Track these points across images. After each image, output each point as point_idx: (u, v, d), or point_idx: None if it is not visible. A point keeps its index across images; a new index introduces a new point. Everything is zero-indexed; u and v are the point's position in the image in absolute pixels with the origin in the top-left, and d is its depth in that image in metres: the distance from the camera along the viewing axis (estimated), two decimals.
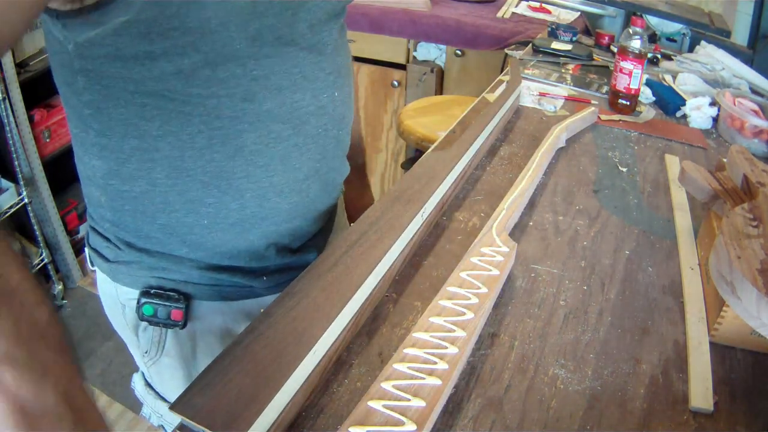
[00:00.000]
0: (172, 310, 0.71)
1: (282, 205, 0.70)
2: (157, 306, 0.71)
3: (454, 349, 0.65)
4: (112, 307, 0.79)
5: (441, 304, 0.72)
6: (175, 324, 0.72)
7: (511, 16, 2.41)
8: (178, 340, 0.75)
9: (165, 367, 0.79)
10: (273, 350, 0.60)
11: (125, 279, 0.75)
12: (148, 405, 0.87)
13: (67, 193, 2.37)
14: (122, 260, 0.73)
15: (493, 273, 0.77)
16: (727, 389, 0.70)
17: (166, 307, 0.70)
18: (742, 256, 0.66)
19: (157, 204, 0.67)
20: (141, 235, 0.70)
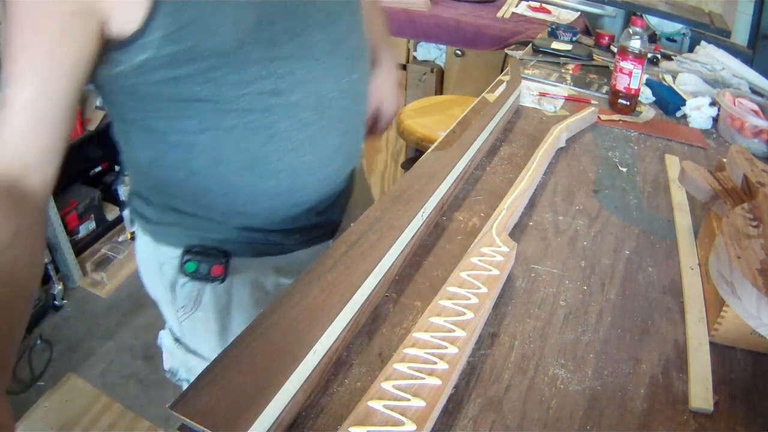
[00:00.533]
0: (213, 266, 0.77)
1: (312, 179, 0.77)
2: (199, 262, 0.77)
3: (453, 349, 0.65)
4: (149, 266, 0.84)
5: (441, 304, 0.72)
6: (215, 279, 0.78)
7: (511, 16, 2.41)
8: (215, 294, 0.80)
9: (199, 321, 0.83)
10: (273, 350, 0.60)
11: (167, 239, 0.80)
12: (177, 359, 0.91)
13: (67, 193, 2.38)
14: (165, 222, 0.78)
15: (493, 273, 0.77)
16: (727, 389, 0.70)
17: (208, 263, 0.76)
18: (742, 256, 0.66)
19: (197, 189, 0.73)
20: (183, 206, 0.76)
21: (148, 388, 1.91)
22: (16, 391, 1.87)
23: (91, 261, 2.32)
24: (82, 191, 2.43)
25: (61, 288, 2.20)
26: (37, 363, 1.96)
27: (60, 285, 2.20)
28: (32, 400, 1.80)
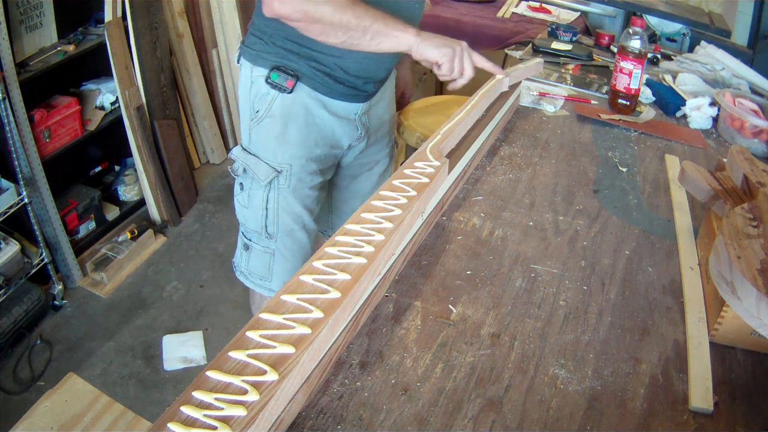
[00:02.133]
0: (288, 80, 1.13)
1: (367, 67, 1.17)
2: (280, 74, 1.13)
3: (380, 236, 0.72)
4: (245, 85, 1.20)
5: (373, 204, 0.78)
6: (285, 90, 1.14)
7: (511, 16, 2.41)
8: (282, 103, 1.16)
9: (264, 127, 1.18)
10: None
11: (262, 62, 1.15)
12: (239, 161, 1.23)
13: (67, 193, 2.37)
14: (265, 51, 1.15)
15: (423, 180, 0.85)
16: (727, 389, 0.70)
17: (285, 76, 1.13)
18: (742, 256, 0.66)
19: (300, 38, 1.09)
20: (283, 43, 1.13)
21: (148, 388, 1.90)
22: (16, 391, 1.87)
23: (91, 261, 2.31)
24: (82, 191, 2.43)
25: (61, 288, 2.20)
26: (37, 363, 1.96)
27: (60, 285, 2.19)
28: (32, 400, 1.79)
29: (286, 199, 1.23)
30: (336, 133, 1.22)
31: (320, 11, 0.97)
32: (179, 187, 2.67)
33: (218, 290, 2.32)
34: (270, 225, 1.26)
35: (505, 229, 0.96)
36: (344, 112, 1.21)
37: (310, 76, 1.14)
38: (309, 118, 1.17)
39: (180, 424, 0.49)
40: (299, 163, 1.20)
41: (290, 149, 1.19)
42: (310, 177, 1.23)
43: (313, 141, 1.20)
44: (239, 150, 1.25)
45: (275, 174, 1.20)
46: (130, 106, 2.38)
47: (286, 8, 0.97)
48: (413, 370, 0.69)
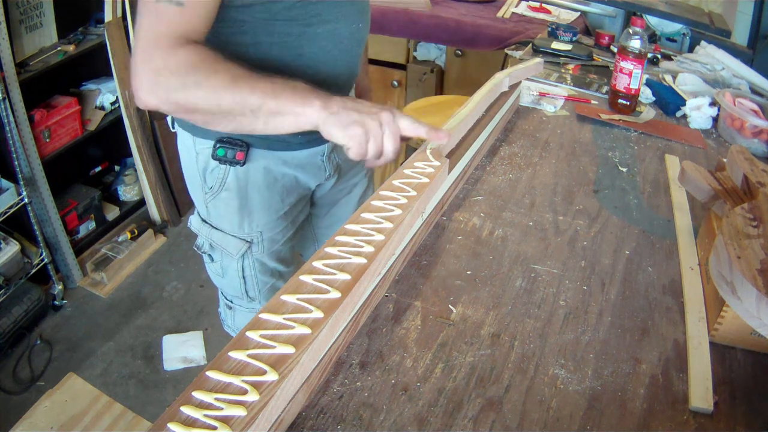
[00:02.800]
0: (237, 152, 1.01)
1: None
2: (227, 149, 1.01)
3: (380, 236, 0.72)
4: (188, 156, 1.08)
5: (373, 204, 0.78)
6: (237, 162, 1.02)
7: (511, 16, 2.41)
8: (236, 176, 1.04)
9: (222, 200, 1.08)
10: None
11: (202, 133, 1.03)
12: (203, 235, 1.14)
13: (67, 193, 2.38)
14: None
15: (423, 180, 0.84)
16: (727, 389, 0.70)
17: (233, 149, 1.01)
18: (742, 256, 0.66)
19: None
20: None
21: (148, 388, 1.91)
22: (16, 391, 1.88)
23: (91, 261, 2.32)
24: (82, 191, 2.43)
25: (61, 288, 2.20)
26: (37, 363, 1.96)
27: (60, 285, 2.20)
28: (32, 400, 1.80)
29: (262, 263, 1.16)
30: (300, 181, 1.12)
31: (192, 98, 0.80)
32: (179, 187, 2.67)
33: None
34: (250, 290, 1.19)
35: (505, 229, 0.96)
36: (307, 158, 1.09)
37: (262, 137, 1.00)
38: (269, 180, 1.06)
39: (180, 424, 0.49)
40: (269, 227, 1.12)
41: (256, 217, 1.10)
42: (281, 234, 1.15)
43: (279, 199, 1.10)
44: (199, 222, 1.14)
45: (247, 245, 1.12)
46: (130, 106, 2.38)
47: (154, 100, 0.81)
48: (413, 370, 0.69)
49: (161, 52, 0.78)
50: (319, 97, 0.82)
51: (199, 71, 0.78)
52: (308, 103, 0.81)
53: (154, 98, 0.80)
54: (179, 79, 0.78)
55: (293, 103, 0.81)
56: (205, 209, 1.11)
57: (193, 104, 0.80)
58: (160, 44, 0.78)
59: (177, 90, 0.79)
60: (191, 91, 0.79)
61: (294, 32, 0.93)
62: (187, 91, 0.79)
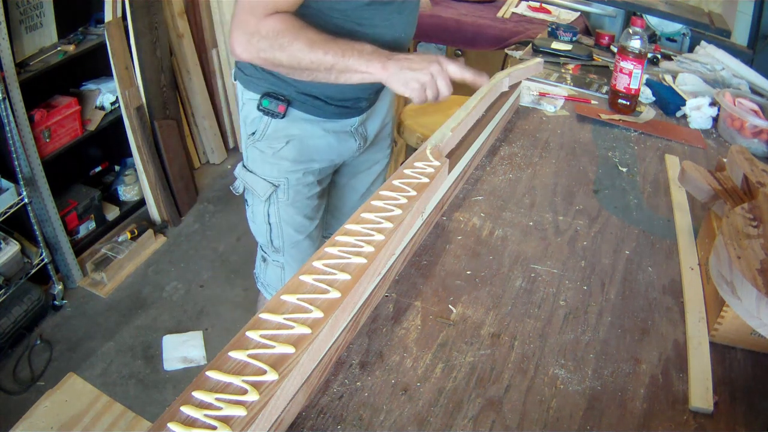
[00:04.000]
0: (279, 105, 1.16)
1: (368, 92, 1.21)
2: (271, 100, 1.16)
3: (380, 236, 0.72)
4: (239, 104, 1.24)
5: (373, 204, 0.78)
6: (278, 114, 1.17)
7: (511, 16, 2.41)
8: (276, 126, 1.19)
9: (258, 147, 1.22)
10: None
11: (253, 86, 1.19)
12: (240, 177, 1.28)
13: (67, 193, 2.37)
14: (255, 76, 1.18)
15: (423, 180, 0.84)
16: (727, 389, 0.70)
17: (276, 102, 1.16)
18: (742, 256, 0.66)
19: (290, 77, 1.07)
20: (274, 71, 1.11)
21: (148, 388, 1.90)
22: (16, 391, 1.87)
23: (91, 261, 2.31)
24: (82, 191, 2.43)
25: (61, 288, 2.20)
26: (37, 363, 1.96)
27: (60, 285, 2.19)
28: (32, 400, 1.79)
29: (286, 211, 1.26)
30: (333, 148, 1.24)
31: (278, 57, 0.99)
32: (179, 187, 2.67)
33: (218, 290, 2.32)
34: (275, 239, 1.29)
35: (505, 229, 0.96)
36: (340, 127, 1.23)
37: (301, 101, 1.17)
38: (304, 139, 1.20)
39: (180, 424, 0.49)
40: (296, 177, 1.22)
41: (287, 165, 1.21)
42: (307, 188, 1.25)
43: (309, 157, 1.22)
44: (240, 168, 1.29)
45: (273, 188, 1.23)
46: (130, 106, 2.38)
47: (247, 55, 1.00)
48: (413, 370, 0.69)
49: (255, 18, 0.96)
50: (379, 58, 1.00)
51: (284, 37, 0.97)
52: (370, 65, 1.00)
53: (247, 54, 0.99)
54: (267, 41, 0.97)
55: (358, 64, 1.00)
56: (246, 154, 1.26)
57: (278, 62, 1.00)
58: (255, 12, 0.96)
59: (266, 50, 0.98)
60: (277, 52, 0.98)
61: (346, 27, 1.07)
62: (274, 52, 0.98)
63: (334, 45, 0.99)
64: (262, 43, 0.97)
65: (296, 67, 1.00)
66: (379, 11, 1.09)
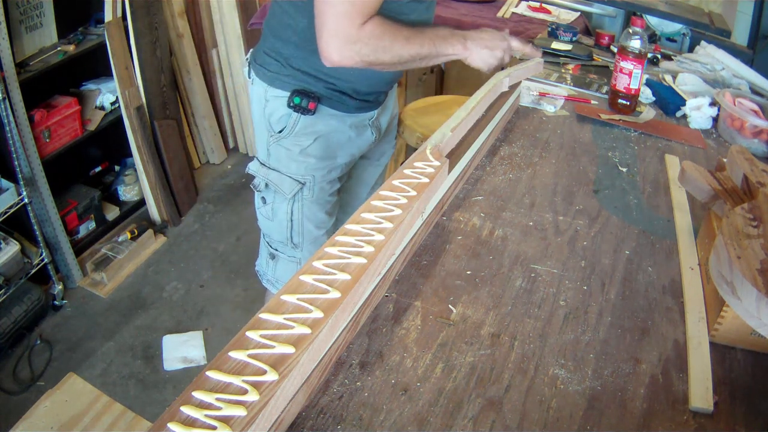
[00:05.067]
0: (310, 102, 1.17)
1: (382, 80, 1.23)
2: (302, 98, 1.17)
3: (380, 236, 0.72)
4: (258, 103, 1.24)
5: (373, 204, 0.78)
6: (309, 111, 1.18)
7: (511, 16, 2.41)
8: (305, 123, 1.20)
9: (285, 145, 1.22)
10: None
11: (279, 83, 1.19)
12: (260, 175, 1.27)
13: (67, 193, 2.37)
14: (282, 73, 1.18)
15: (422, 180, 0.84)
16: (727, 389, 0.70)
17: (307, 99, 1.17)
18: (742, 256, 0.66)
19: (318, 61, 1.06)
20: (302, 66, 1.16)
21: (148, 388, 1.90)
22: (16, 391, 1.87)
23: (91, 261, 2.31)
24: (82, 191, 2.43)
25: (61, 288, 2.20)
26: (37, 363, 1.96)
27: (60, 285, 2.19)
28: (32, 400, 1.79)
29: (310, 209, 1.28)
30: (355, 143, 1.28)
31: (381, 59, 1.04)
32: (179, 187, 2.67)
33: (218, 290, 2.32)
34: (296, 235, 1.30)
35: (505, 229, 0.96)
36: (360, 121, 1.27)
37: (328, 96, 1.19)
38: (331, 135, 1.23)
39: (180, 424, 0.49)
40: (321, 174, 1.25)
41: (313, 162, 1.23)
42: (330, 185, 1.28)
43: (335, 153, 1.25)
44: (258, 165, 1.29)
45: (299, 186, 1.24)
46: (130, 106, 2.38)
47: (346, 61, 1.02)
48: (413, 370, 0.69)
49: (353, 26, 0.99)
50: (458, 40, 1.12)
51: (384, 40, 1.02)
52: (455, 48, 1.11)
53: (349, 61, 1.02)
54: (370, 47, 1.01)
55: (445, 49, 1.10)
56: (266, 152, 1.27)
57: (380, 62, 1.04)
58: (354, 20, 0.99)
59: (369, 55, 1.02)
60: (380, 54, 1.03)
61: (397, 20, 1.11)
62: (377, 55, 1.03)
63: (423, 37, 1.07)
64: (365, 49, 1.01)
65: (397, 63, 1.07)
66: (417, 7, 1.15)
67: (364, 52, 1.01)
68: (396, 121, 1.47)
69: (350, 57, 1.01)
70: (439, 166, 0.89)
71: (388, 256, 0.76)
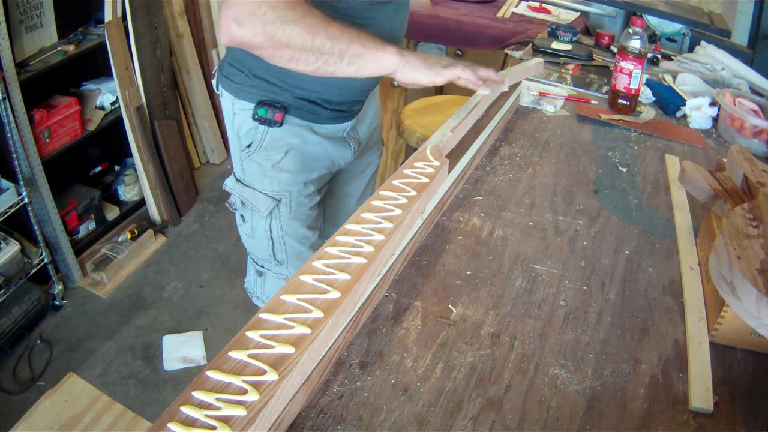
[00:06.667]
0: (276, 113, 1.09)
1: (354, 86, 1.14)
2: (267, 109, 1.09)
3: (380, 236, 0.72)
4: (228, 116, 1.17)
5: (373, 204, 0.78)
6: (275, 123, 1.10)
7: (511, 16, 2.41)
8: (273, 136, 1.12)
9: (256, 160, 1.15)
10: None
11: (244, 95, 1.11)
12: (236, 193, 1.21)
13: (67, 193, 2.37)
14: (246, 83, 1.10)
15: (423, 180, 0.84)
16: (727, 389, 0.70)
17: (273, 110, 1.09)
18: (742, 256, 0.66)
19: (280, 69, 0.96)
20: (265, 75, 1.08)
21: (148, 388, 1.91)
22: (16, 391, 1.88)
23: (91, 261, 2.31)
24: (82, 191, 2.43)
25: (61, 288, 2.20)
26: (37, 363, 1.96)
27: (60, 285, 2.19)
28: (32, 400, 1.80)
29: (289, 225, 1.21)
30: (330, 154, 1.20)
31: (287, 33, 0.85)
32: (179, 187, 2.67)
33: (218, 290, 2.32)
34: (278, 252, 1.25)
35: (505, 229, 0.96)
36: (333, 132, 1.19)
37: (297, 106, 1.11)
38: (303, 146, 1.15)
39: (180, 424, 0.49)
40: (297, 189, 1.18)
41: (287, 177, 1.16)
42: (308, 199, 1.22)
43: (309, 166, 1.18)
44: (233, 182, 1.22)
45: (275, 203, 1.18)
46: (130, 106, 2.38)
47: (246, 31, 0.84)
48: (413, 370, 0.69)
49: None
50: (395, 48, 0.95)
51: (296, 9, 0.85)
52: (388, 50, 0.94)
53: (249, 30, 0.84)
54: (277, 12, 0.84)
55: (375, 48, 0.92)
56: (241, 168, 1.19)
57: (287, 38, 0.86)
58: None
59: (274, 22, 0.84)
60: (288, 25, 0.85)
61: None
62: (284, 25, 0.85)
63: (348, 26, 0.91)
64: (271, 14, 0.83)
65: (307, 47, 0.87)
66: (381, 10, 1.05)
67: (269, 17, 0.83)
68: (378, 130, 1.38)
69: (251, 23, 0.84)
70: (439, 166, 0.89)
71: (388, 256, 0.76)
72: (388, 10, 1.07)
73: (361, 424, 0.62)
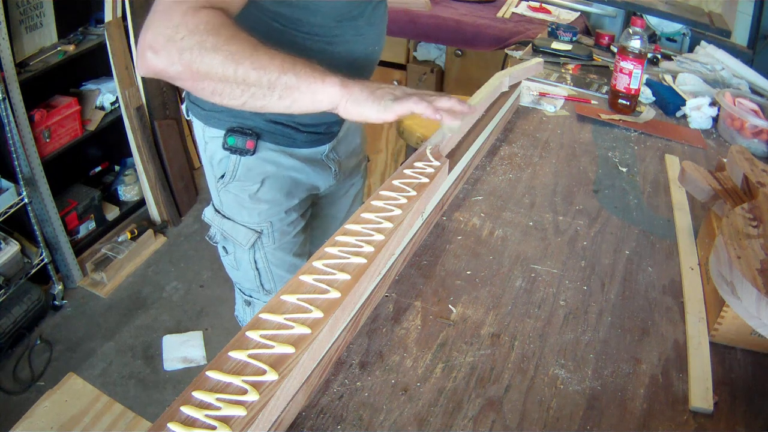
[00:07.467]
0: (248, 141, 1.02)
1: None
2: (237, 137, 1.02)
3: (380, 236, 0.72)
4: (200, 145, 1.12)
5: (374, 204, 0.78)
6: (247, 151, 1.03)
7: (511, 16, 2.41)
8: (247, 166, 1.06)
9: (232, 190, 1.09)
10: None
11: (214, 122, 1.04)
12: (215, 226, 1.16)
13: (67, 193, 2.37)
14: (214, 110, 1.03)
15: (422, 180, 0.85)
16: (727, 389, 0.70)
17: (244, 138, 1.02)
18: (742, 256, 0.66)
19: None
20: None
21: (148, 388, 1.91)
22: (16, 391, 1.88)
23: (91, 261, 2.31)
24: (82, 191, 2.43)
25: (61, 288, 2.20)
26: (37, 363, 1.96)
27: (60, 285, 2.19)
28: (32, 400, 1.79)
29: (274, 255, 1.15)
30: (310, 178, 1.13)
31: (207, 62, 0.73)
32: (179, 187, 2.67)
33: (218, 290, 2.32)
34: (266, 282, 1.19)
35: (505, 229, 0.96)
36: (311, 155, 1.11)
37: (270, 131, 1.03)
38: (279, 172, 1.08)
39: (180, 424, 0.49)
40: (278, 218, 1.12)
41: (266, 208, 1.09)
42: (291, 227, 1.15)
43: (289, 193, 1.11)
44: (212, 213, 1.16)
45: (256, 235, 1.11)
46: (130, 106, 2.38)
47: (161, 60, 0.73)
48: (413, 370, 0.69)
49: (182, 9, 0.72)
50: (337, 75, 0.79)
51: (218, 34, 0.73)
52: (328, 81, 0.78)
53: (164, 58, 0.72)
54: (196, 37, 0.72)
55: (312, 79, 0.77)
56: (218, 199, 1.14)
57: (207, 68, 0.73)
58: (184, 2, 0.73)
59: (192, 49, 0.72)
60: (208, 53, 0.72)
61: (315, 48, 0.95)
62: (204, 53, 0.72)
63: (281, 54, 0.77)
64: (188, 40, 0.72)
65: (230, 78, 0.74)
66: (351, 26, 0.97)
67: (186, 44, 0.71)
68: (362, 149, 1.29)
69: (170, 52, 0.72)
70: (439, 166, 0.89)
71: (388, 256, 0.76)
72: (360, 25, 0.98)
73: (361, 424, 0.62)
